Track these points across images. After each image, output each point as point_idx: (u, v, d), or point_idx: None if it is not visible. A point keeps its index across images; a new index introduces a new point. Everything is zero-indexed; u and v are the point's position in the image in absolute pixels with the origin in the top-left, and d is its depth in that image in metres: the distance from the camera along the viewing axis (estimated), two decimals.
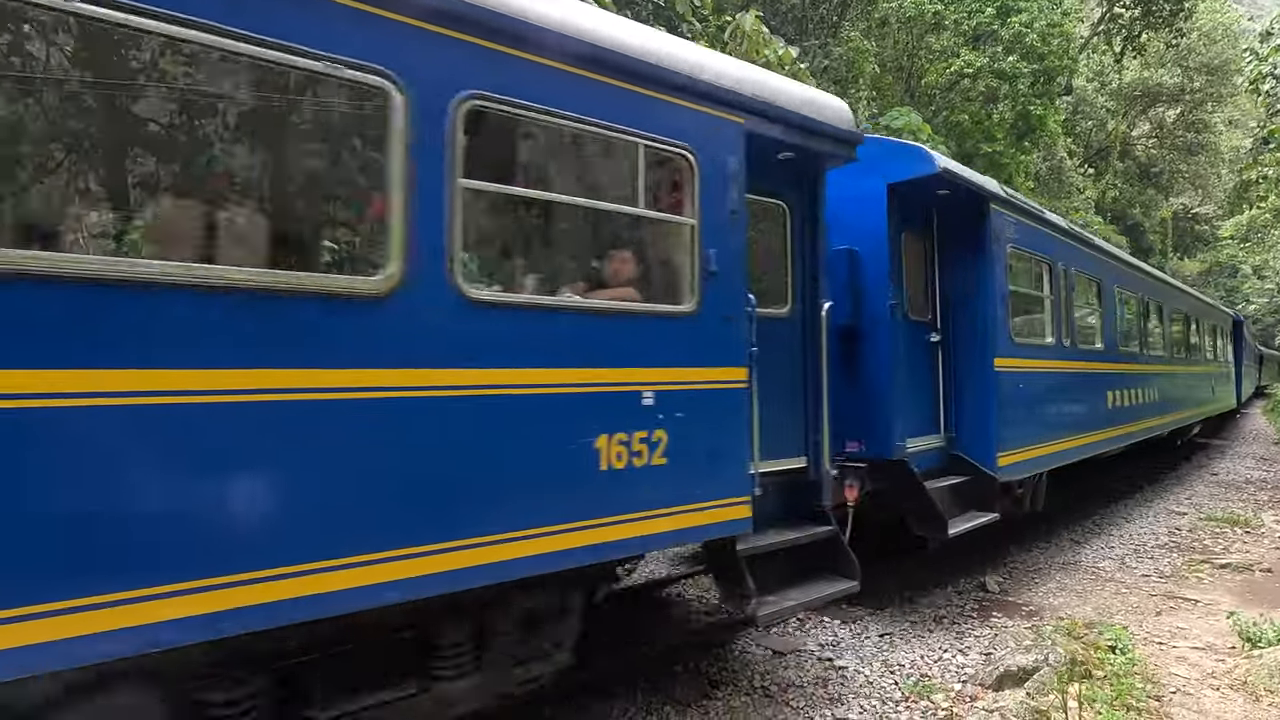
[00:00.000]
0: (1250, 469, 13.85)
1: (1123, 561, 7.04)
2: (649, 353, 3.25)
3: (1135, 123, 38.54)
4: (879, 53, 18.22)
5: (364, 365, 2.40)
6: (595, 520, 2.97)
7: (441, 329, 2.59)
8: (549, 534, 2.83)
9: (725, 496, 3.49)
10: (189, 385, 2.09)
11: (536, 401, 2.84)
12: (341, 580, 2.30)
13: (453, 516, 2.59)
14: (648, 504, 3.17)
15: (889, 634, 5.11)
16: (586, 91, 3.08)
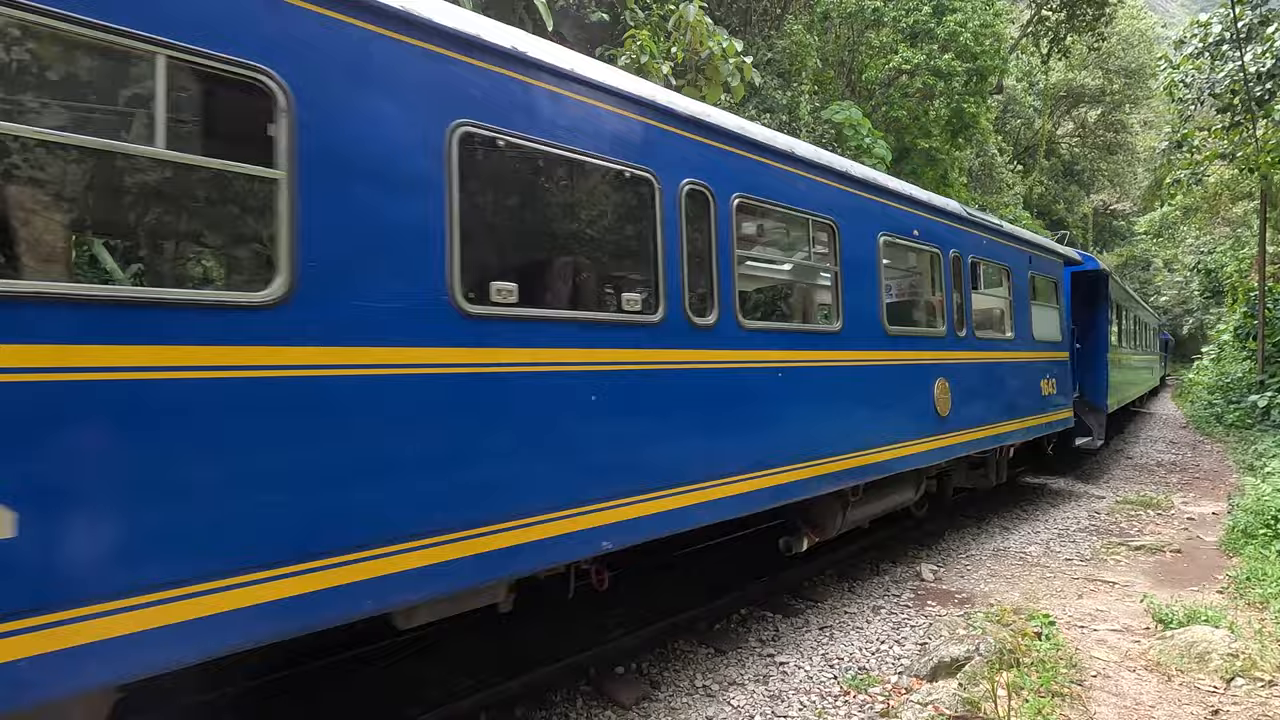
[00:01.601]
0: (1161, 452, 14.71)
1: (1048, 546, 7.35)
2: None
3: (1060, 122, 40.34)
4: (821, 46, 18.45)
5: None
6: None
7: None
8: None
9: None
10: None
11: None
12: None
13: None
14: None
15: (829, 627, 5.17)
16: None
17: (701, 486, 3.94)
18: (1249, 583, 5.74)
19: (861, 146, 15.54)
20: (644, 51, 7.90)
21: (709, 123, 4.18)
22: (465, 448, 2.87)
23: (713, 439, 4.04)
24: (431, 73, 2.89)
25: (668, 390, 3.79)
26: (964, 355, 6.78)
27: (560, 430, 3.22)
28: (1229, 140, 13.57)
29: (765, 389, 4.41)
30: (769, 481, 4.38)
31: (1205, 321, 37.59)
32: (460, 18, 3.06)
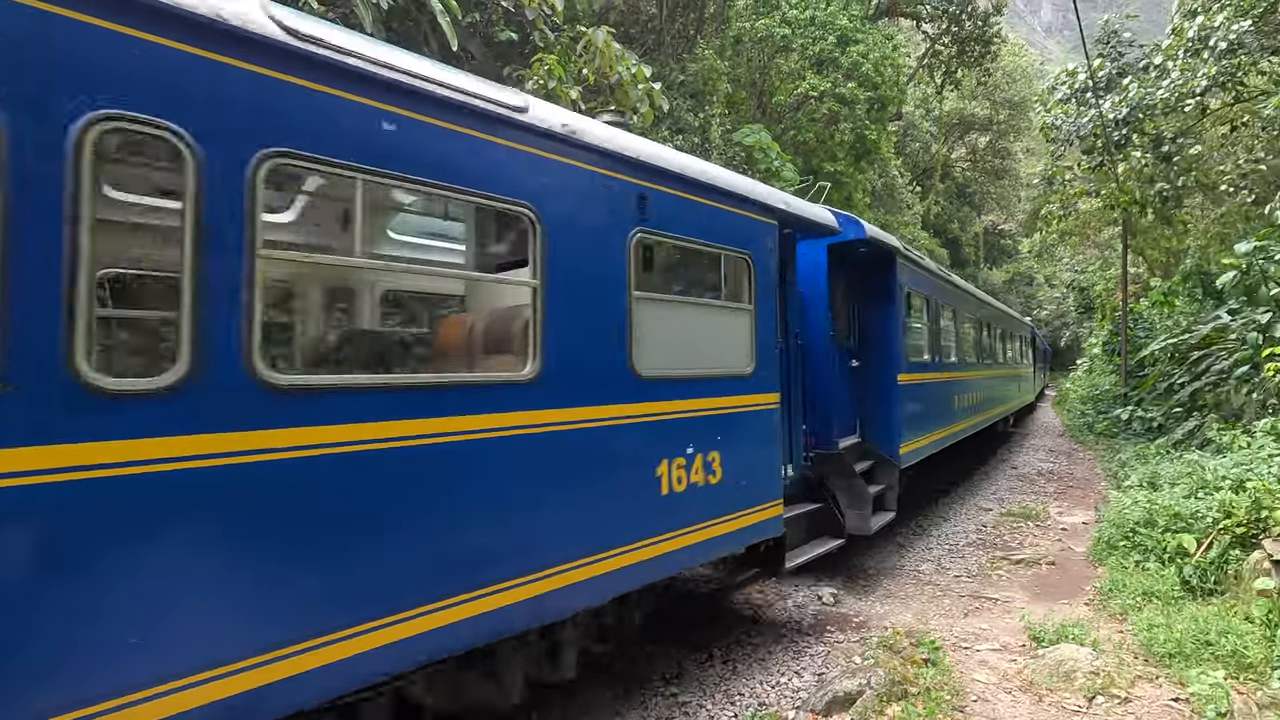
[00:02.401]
0: (1042, 461, 15.89)
1: (939, 563, 7.74)
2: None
3: (954, 147, 43.17)
4: (732, 70, 18.96)
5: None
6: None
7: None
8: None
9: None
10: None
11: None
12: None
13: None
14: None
15: (732, 660, 5.21)
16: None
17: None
18: (1111, 594, 6.23)
19: (770, 169, 16.05)
20: (551, 75, 7.84)
21: None
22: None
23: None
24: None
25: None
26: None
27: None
28: (1095, 179, 14.92)
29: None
30: None
31: (1080, 334, 41.04)
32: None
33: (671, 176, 4.34)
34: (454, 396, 3.08)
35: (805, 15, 19.19)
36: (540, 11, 8.41)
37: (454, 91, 3.14)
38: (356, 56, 2.80)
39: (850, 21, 19.42)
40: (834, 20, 19.14)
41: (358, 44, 2.87)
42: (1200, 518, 6.53)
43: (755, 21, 19.04)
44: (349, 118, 2.76)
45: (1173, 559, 6.32)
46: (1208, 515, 6.44)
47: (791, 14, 19.15)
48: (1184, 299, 14.70)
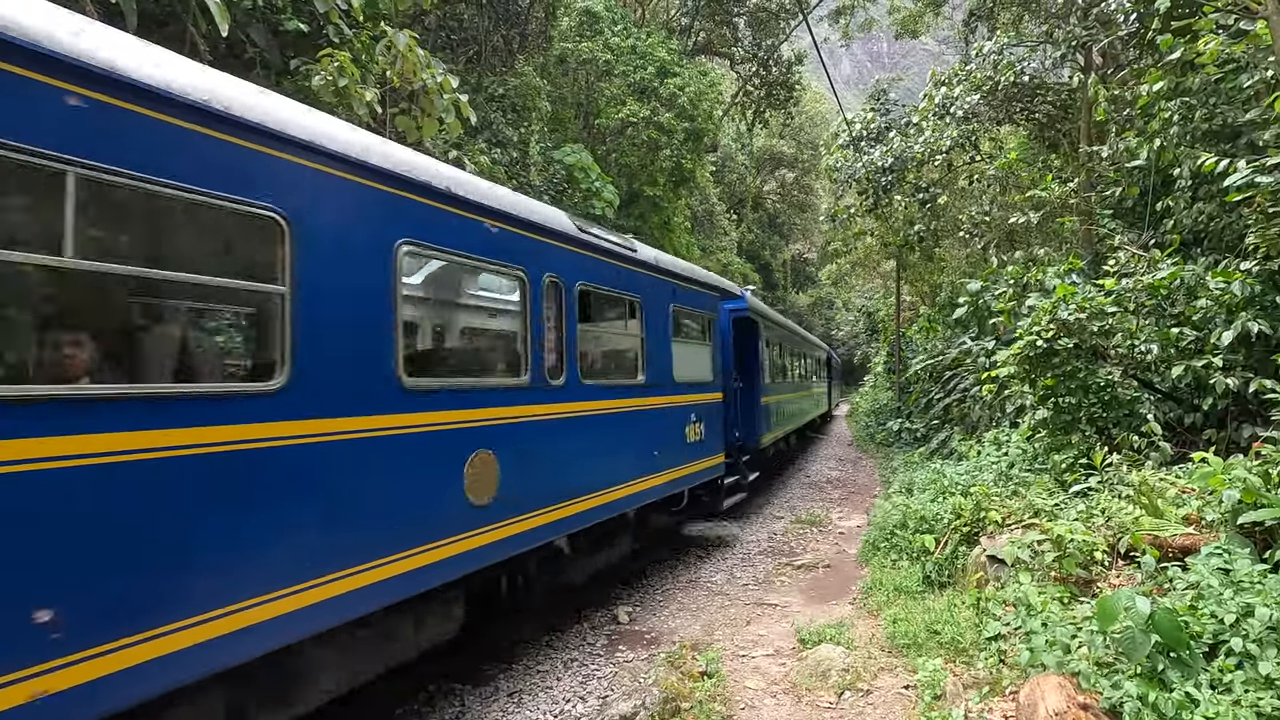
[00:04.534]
0: (832, 469, 17.57)
1: (731, 573, 8.18)
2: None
3: (765, 180, 46.98)
4: (557, 89, 19.11)
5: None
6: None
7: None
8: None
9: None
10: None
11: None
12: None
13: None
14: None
15: (518, 691, 5.07)
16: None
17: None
18: (870, 593, 6.95)
19: (591, 189, 16.32)
20: (343, 74, 7.31)
21: None
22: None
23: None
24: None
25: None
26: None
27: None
28: (871, 219, 16.98)
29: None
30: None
31: (869, 353, 46.33)
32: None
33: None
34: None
35: (627, 43, 19.88)
36: (333, 4, 7.83)
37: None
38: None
39: (669, 54, 20.42)
40: (653, 51, 20.01)
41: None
42: (939, 519, 7.52)
43: (579, 43, 19.37)
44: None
45: (918, 557, 7.20)
46: (945, 517, 7.43)
47: (614, 41, 19.74)
48: (941, 325, 17.10)
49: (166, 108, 2.87)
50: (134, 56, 2.83)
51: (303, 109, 3.70)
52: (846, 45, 30.20)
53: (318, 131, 3.58)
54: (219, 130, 3.06)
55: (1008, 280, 9.34)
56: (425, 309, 5.07)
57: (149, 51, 2.96)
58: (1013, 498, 7.04)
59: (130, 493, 2.65)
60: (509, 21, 16.87)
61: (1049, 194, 10.84)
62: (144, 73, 2.81)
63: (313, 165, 3.49)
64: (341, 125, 3.88)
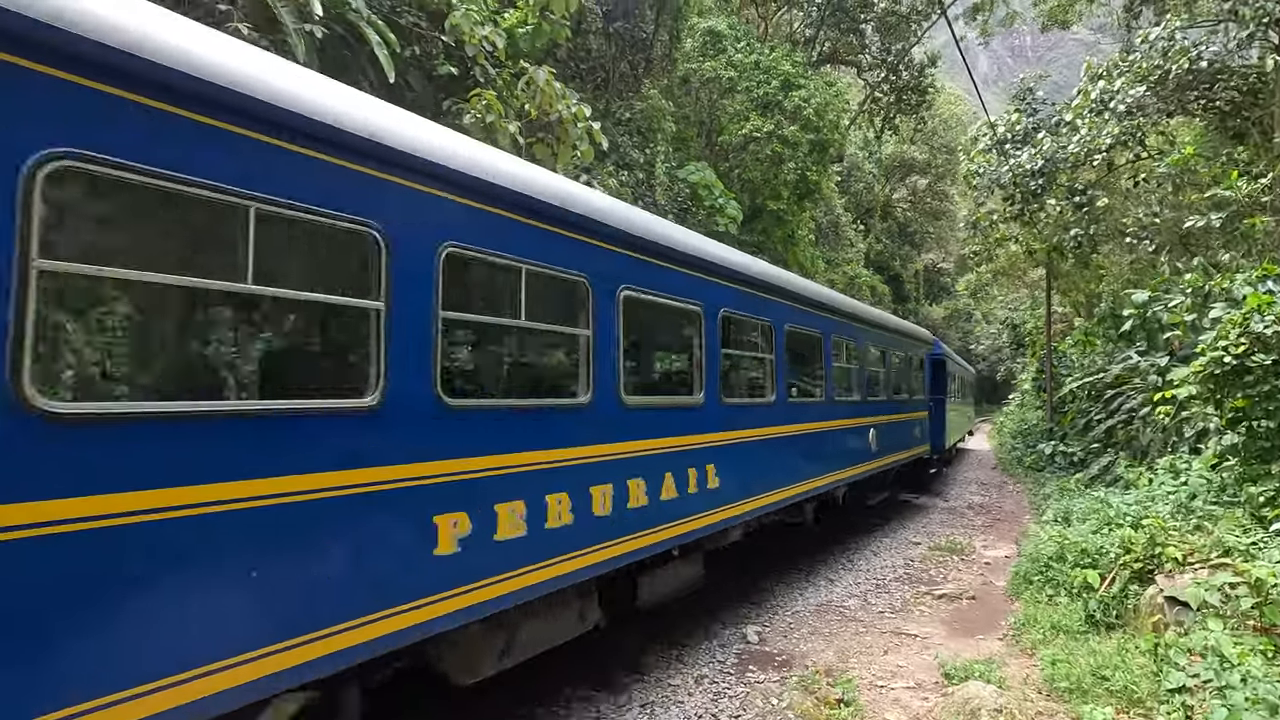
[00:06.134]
0: (973, 494, 16.40)
1: (865, 599, 7.86)
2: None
3: (895, 188, 45.01)
4: (680, 109, 19.45)
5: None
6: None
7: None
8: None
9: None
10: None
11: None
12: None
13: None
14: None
15: (651, 703, 5.16)
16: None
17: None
18: (1024, 629, 6.43)
19: (714, 206, 16.42)
20: (490, 110, 7.89)
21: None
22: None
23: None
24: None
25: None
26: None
27: None
28: (1017, 226, 15.80)
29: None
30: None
31: (1014, 370, 42.85)
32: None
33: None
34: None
35: (750, 59, 19.88)
36: (480, 48, 8.50)
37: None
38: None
39: (793, 67, 20.20)
40: (777, 65, 19.88)
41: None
42: (1105, 553, 6.82)
43: (703, 63, 19.63)
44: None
45: (1079, 593, 6.57)
46: (1111, 550, 6.74)
47: (737, 58, 19.82)
48: (1101, 339, 15.54)
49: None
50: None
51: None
52: (985, 43, 28.43)
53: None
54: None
55: (1184, 289, 8.36)
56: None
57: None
58: (1196, 533, 6.27)
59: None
60: (634, 47, 17.45)
61: (1235, 192, 9.60)
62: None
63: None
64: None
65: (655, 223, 5.59)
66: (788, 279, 7.96)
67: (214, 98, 2.52)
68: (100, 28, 2.23)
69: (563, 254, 4.28)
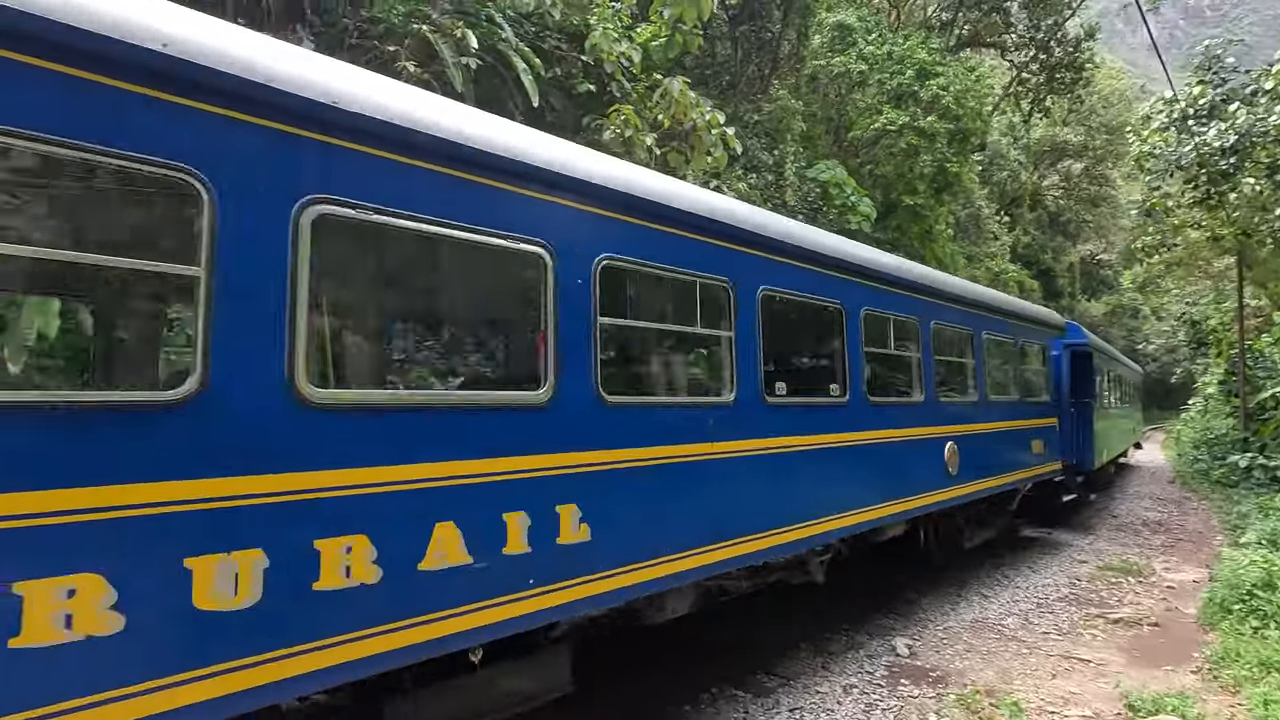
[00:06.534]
0: (1148, 509, 14.73)
1: (1026, 618, 7.32)
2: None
3: (1045, 175, 41.33)
4: (807, 107, 19.04)
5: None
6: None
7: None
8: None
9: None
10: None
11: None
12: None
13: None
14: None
15: (799, 709, 5.12)
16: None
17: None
18: (1223, 663, 5.74)
19: (846, 204, 15.92)
20: (628, 125, 8.18)
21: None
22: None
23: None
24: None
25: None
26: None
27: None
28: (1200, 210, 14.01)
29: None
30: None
31: (1193, 371, 37.91)
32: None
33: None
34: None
35: (882, 51, 19.11)
36: (618, 64, 8.82)
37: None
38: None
39: (930, 55, 19.19)
40: (912, 54, 18.96)
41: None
42: None
43: (831, 59, 19.11)
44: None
45: None
46: None
47: (868, 50, 19.11)
48: None
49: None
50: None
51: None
52: (1155, 7, 25.47)
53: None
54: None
55: None
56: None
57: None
58: None
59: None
60: (761, 49, 17.32)
61: None
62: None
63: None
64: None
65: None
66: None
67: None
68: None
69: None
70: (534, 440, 3.28)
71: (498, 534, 3.06)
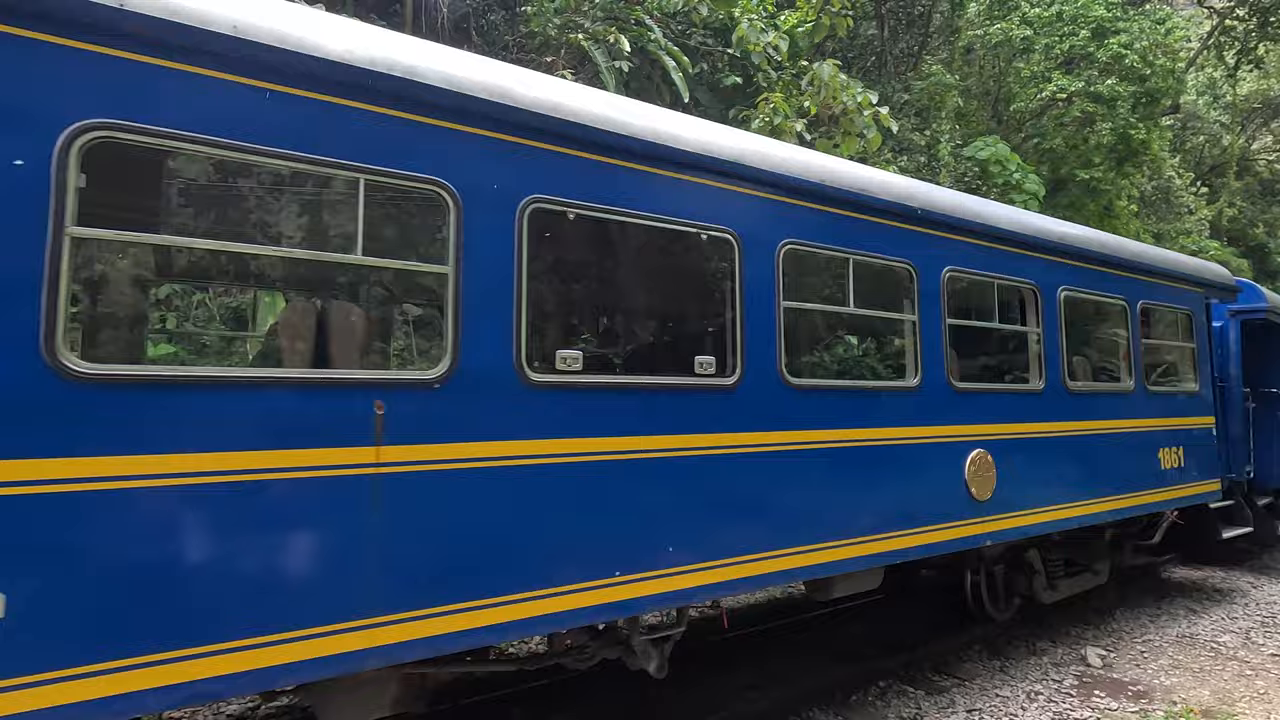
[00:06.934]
0: None
1: (1248, 636, 6.43)
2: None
3: (1255, 136, 35.64)
4: (962, 81, 17.78)
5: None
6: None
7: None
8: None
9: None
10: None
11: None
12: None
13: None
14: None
15: (977, 710, 4.86)
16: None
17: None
18: None
19: (1009, 182, 14.70)
20: (777, 113, 8.12)
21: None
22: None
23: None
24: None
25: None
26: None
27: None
28: None
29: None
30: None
31: None
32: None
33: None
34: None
35: (1050, 12, 17.42)
36: (765, 54, 8.79)
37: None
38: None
39: (1108, 10, 17.23)
40: (1086, 12, 17.13)
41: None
42: None
43: (989, 27, 17.71)
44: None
45: None
46: None
47: (1033, 13, 17.50)
48: None
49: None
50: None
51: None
52: None
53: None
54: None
55: None
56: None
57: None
58: None
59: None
60: (910, 25, 16.44)
61: None
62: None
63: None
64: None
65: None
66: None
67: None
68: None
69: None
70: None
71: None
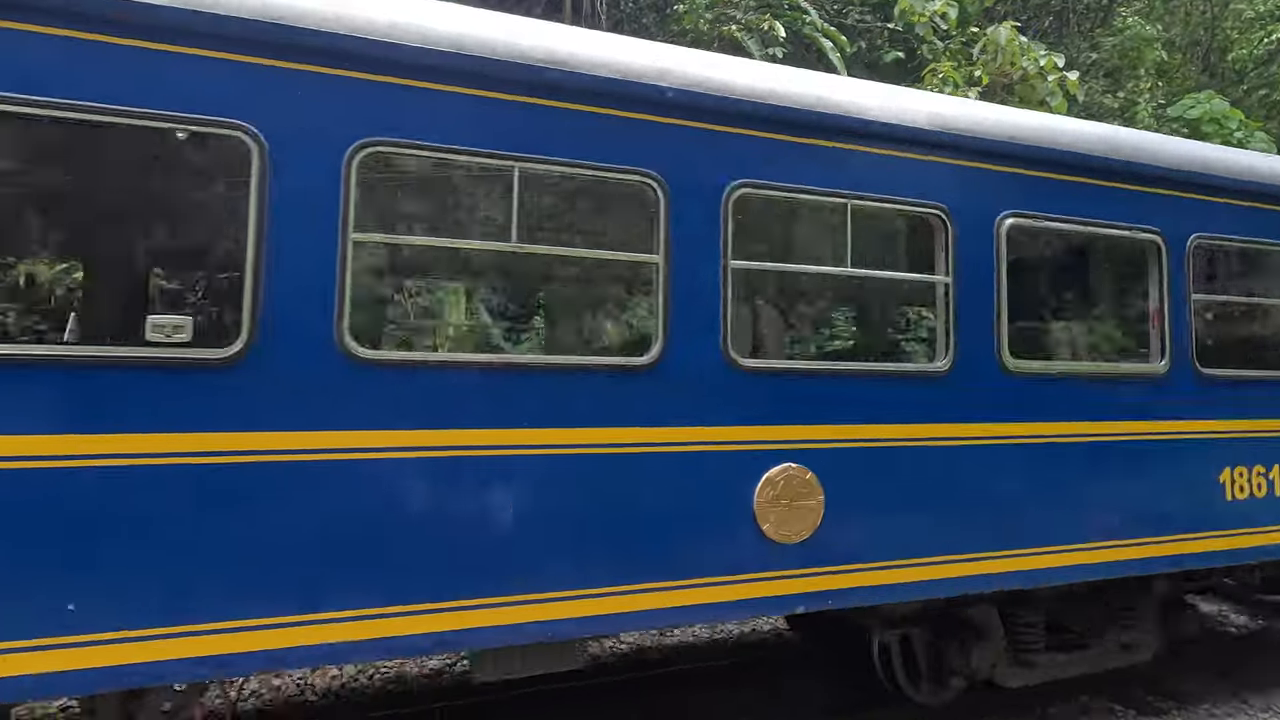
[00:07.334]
0: None
1: None
2: None
3: None
4: (1164, 32, 15.59)
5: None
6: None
7: None
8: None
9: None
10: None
11: None
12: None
13: None
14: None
15: None
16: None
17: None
18: None
19: (1230, 143, 12.67)
20: (946, 83, 7.64)
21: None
22: None
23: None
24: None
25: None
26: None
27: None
28: None
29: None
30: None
31: None
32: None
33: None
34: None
35: None
36: (931, 24, 8.29)
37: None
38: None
39: None
40: None
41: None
42: None
43: None
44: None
45: None
46: None
47: None
48: None
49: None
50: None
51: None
52: None
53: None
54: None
55: None
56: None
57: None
58: None
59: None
60: None
61: None
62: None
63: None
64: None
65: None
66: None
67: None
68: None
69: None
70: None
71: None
